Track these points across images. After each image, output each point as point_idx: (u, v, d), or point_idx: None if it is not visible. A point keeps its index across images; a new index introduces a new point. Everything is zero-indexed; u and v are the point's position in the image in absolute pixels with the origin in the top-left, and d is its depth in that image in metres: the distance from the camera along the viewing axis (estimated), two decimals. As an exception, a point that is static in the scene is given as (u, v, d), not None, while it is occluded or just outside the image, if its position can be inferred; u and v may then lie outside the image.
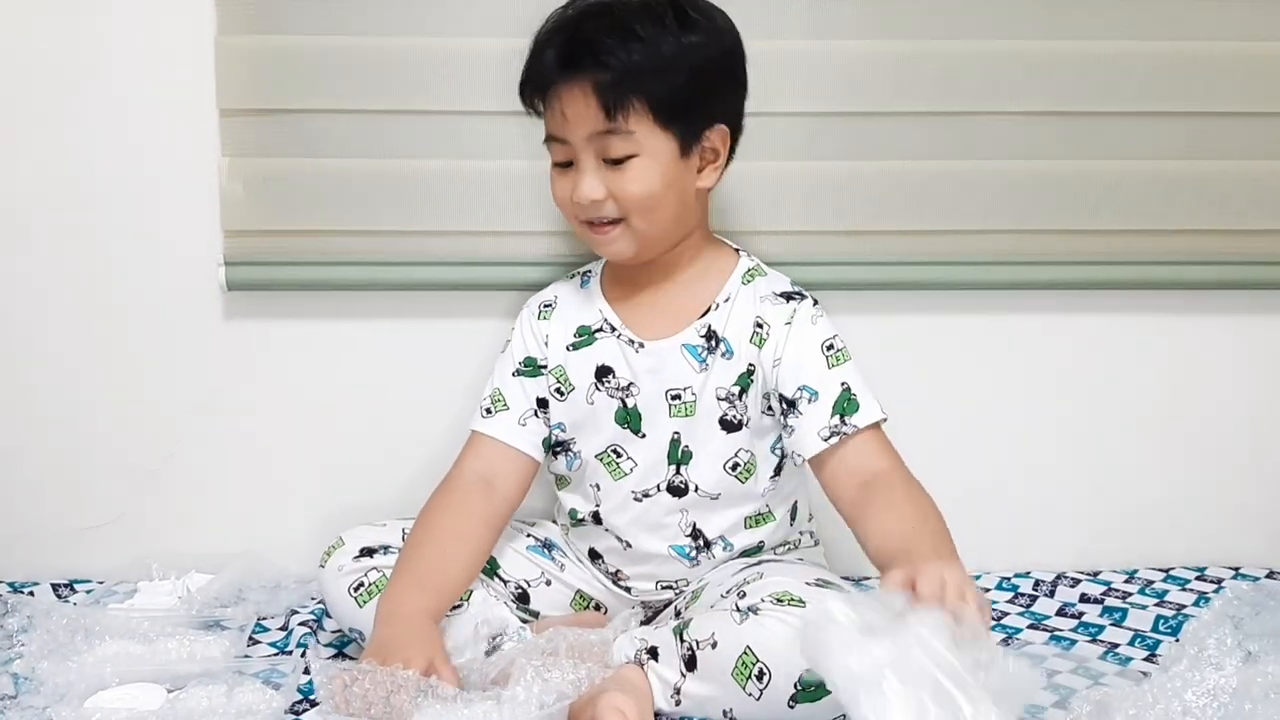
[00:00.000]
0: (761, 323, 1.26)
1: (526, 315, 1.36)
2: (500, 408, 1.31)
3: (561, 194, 1.26)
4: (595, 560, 1.32)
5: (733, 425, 1.27)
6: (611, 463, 1.29)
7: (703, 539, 1.27)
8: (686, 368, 1.27)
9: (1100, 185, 1.50)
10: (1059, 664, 1.27)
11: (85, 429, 1.51)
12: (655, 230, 1.24)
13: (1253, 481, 1.58)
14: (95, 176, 1.47)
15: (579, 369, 1.31)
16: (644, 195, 1.20)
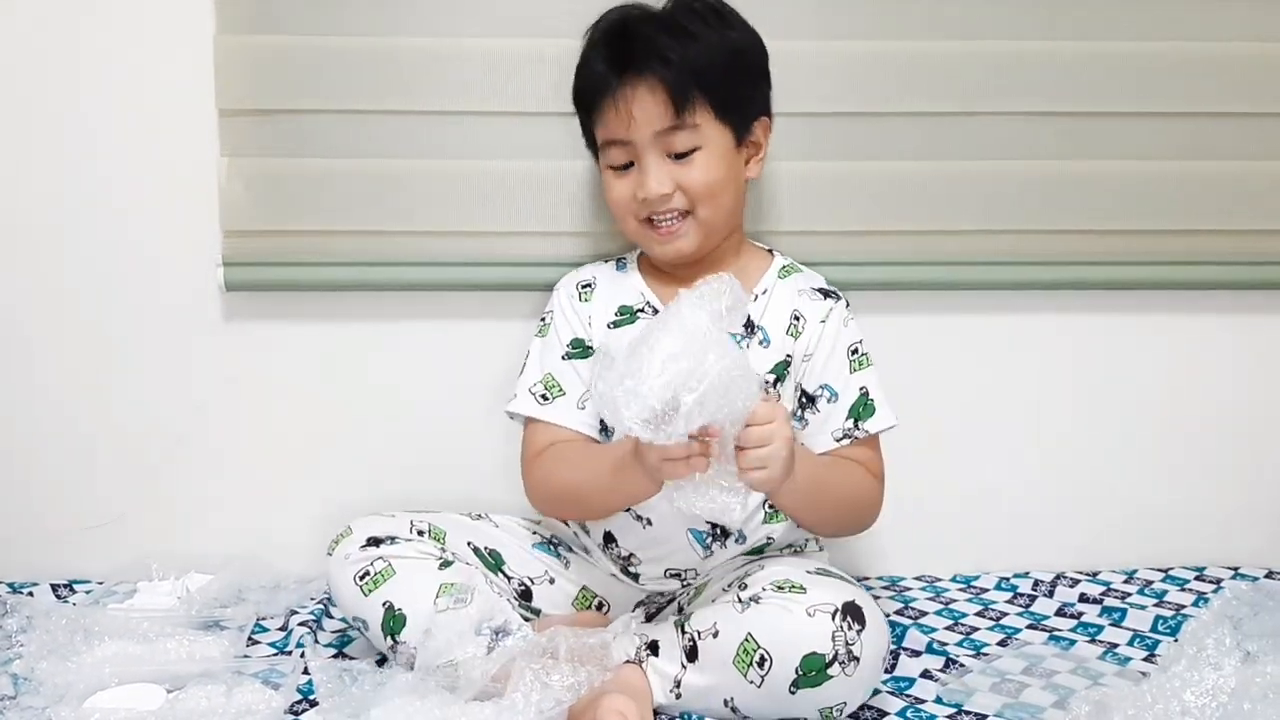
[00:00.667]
0: (799, 315, 1.30)
1: (565, 297, 1.36)
2: (557, 393, 1.31)
3: (622, 195, 1.27)
4: (609, 545, 1.32)
5: None
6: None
7: (719, 528, 1.27)
8: None
9: (1103, 186, 1.50)
10: (1058, 664, 1.27)
11: (85, 429, 1.51)
12: (718, 219, 1.28)
13: (1252, 481, 1.58)
14: (94, 177, 1.47)
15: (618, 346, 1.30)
16: (710, 184, 1.25)
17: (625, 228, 1.31)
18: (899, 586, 1.52)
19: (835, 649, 1.06)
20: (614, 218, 1.33)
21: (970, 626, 1.39)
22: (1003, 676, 1.24)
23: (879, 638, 1.09)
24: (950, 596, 1.49)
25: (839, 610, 1.07)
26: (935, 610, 1.44)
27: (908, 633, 1.32)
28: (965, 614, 1.43)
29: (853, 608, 1.07)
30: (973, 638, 1.36)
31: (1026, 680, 1.23)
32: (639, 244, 1.33)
